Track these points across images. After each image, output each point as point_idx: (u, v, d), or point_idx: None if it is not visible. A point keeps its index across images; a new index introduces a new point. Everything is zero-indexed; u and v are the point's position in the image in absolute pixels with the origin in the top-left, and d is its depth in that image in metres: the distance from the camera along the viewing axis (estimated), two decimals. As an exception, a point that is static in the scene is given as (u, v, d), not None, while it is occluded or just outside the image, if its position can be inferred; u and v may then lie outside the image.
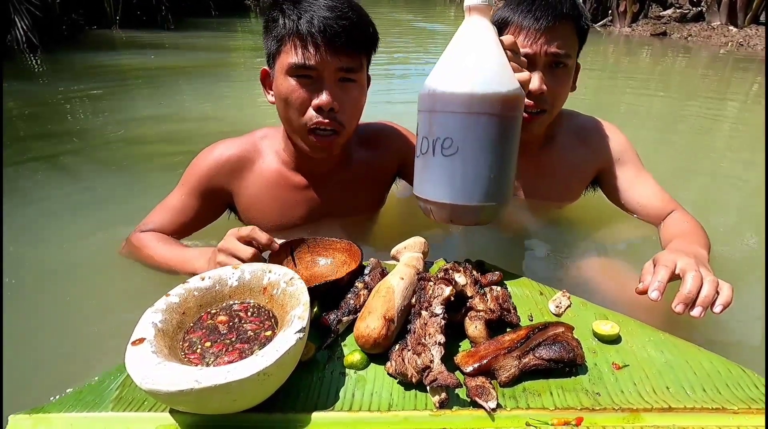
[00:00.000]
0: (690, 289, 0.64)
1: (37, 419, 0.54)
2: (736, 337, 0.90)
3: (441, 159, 0.71)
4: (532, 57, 0.94)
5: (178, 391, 0.46)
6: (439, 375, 0.53)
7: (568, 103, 1.07)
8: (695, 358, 0.61)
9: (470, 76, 0.69)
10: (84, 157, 1.97)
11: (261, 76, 0.97)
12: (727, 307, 0.64)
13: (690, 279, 0.65)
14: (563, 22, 0.93)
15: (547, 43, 0.93)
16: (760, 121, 2.85)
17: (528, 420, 0.52)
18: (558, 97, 0.99)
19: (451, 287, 0.64)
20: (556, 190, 1.14)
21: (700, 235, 0.92)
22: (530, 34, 0.93)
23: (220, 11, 8.85)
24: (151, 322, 0.57)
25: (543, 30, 0.92)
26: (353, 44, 0.85)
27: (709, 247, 0.90)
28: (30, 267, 1.09)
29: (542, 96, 0.96)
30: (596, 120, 1.14)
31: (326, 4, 0.83)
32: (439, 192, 0.74)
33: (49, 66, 3.90)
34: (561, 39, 0.94)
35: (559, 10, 0.92)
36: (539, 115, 0.99)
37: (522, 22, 0.94)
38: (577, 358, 0.59)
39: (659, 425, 0.51)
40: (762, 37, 5.52)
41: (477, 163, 0.70)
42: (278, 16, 0.86)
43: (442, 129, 0.71)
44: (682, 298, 0.64)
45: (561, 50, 0.94)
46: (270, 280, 0.65)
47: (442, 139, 0.70)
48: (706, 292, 0.64)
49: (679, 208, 1.03)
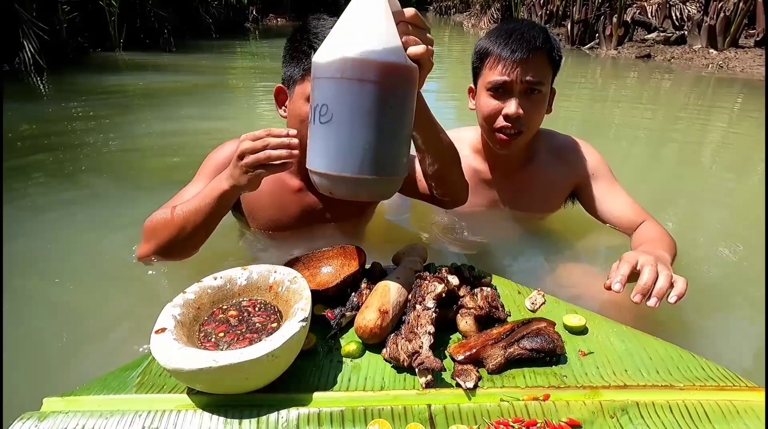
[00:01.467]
0: (646, 281, 0.73)
1: (69, 401, 0.61)
2: (694, 330, 0.98)
3: (319, 127, 0.68)
4: (509, 84, 1.06)
5: (198, 369, 0.54)
6: (426, 359, 0.61)
7: (561, 121, 1.18)
8: (652, 346, 0.69)
9: (345, 42, 0.66)
10: (92, 170, 2.06)
11: (275, 91, 1.06)
12: (681, 297, 0.72)
13: (647, 272, 0.73)
14: (537, 54, 1.04)
15: (523, 73, 1.04)
16: (743, 138, 3.00)
17: (502, 396, 0.59)
18: (533, 120, 1.10)
19: (443, 285, 0.72)
20: (536, 203, 1.24)
21: (666, 241, 1.01)
22: (507, 64, 1.04)
23: (220, 33, 9.11)
24: (171, 314, 0.65)
25: (518, 61, 1.03)
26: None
27: (674, 252, 0.99)
28: (52, 276, 1.17)
29: (519, 119, 1.07)
30: (572, 139, 1.24)
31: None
32: (317, 161, 0.69)
33: (56, 87, 4.03)
34: (535, 69, 1.05)
35: (533, 43, 1.03)
36: (516, 136, 1.09)
37: (500, 53, 1.05)
38: (557, 348, 0.67)
39: (615, 400, 0.59)
40: (740, 59, 5.78)
41: (351, 132, 0.66)
42: (309, 51, 0.94)
43: (321, 95, 0.67)
44: (638, 289, 0.73)
45: (535, 78, 1.05)
46: (275, 279, 0.73)
47: (320, 106, 0.67)
48: (661, 285, 0.72)
49: (649, 219, 1.12)
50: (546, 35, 1.06)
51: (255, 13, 12.99)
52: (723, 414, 0.57)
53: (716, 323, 1.05)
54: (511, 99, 1.06)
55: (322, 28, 0.96)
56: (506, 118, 1.06)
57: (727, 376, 0.62)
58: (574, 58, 7.15)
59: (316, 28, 0.97)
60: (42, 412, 0.59)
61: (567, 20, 8.40)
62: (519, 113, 1.05)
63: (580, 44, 7.85)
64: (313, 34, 0.96)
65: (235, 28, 10.49)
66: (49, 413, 0.59)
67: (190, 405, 0.59)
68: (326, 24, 0.97)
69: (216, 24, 9.11)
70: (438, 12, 21.33)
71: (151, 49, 6.72)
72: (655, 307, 0.72)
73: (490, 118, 1.10)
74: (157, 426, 0.57)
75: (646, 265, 0.75)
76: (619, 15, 7.27)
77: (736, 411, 0.57)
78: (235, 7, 11.04)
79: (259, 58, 7.01)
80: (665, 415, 0.57)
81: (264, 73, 5.16)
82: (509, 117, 1.06)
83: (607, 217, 1.17)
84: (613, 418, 0.57)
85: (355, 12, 0.69)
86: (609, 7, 7.76)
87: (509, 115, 1.05)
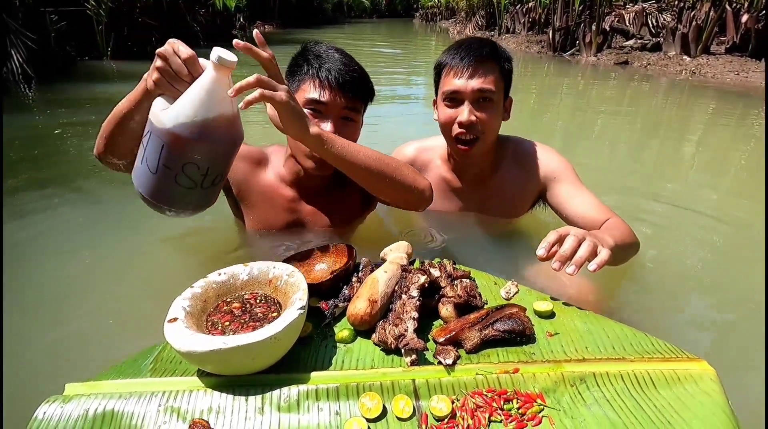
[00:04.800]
0: (565, 248, 0.76)
1: (89, 386, 0.67)
2: (648, 313, 1.09)
3: (141, 145, 0.86)
4: (461, 93, 1.15)
5: (209, 350, 0.61)
6: (410, 340, 0.69)
7: (545, 126, 1.28)
8: (610, 327, 0.78)
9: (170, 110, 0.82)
10: (86, 177, 2.10)
11: None
12: (601, 266, 0.76)
13: (568, 242, 0.77)
14: (484, 63, 1.13)
15: (473, 82, 1.13)
16: (718, 140, 3.17)
17: (477, 371, 0.68)
18: (488, 126, 1.18)
19: (426, 276, 0.80)
20: (504, 209, 1.34)
21: (619, 230, 1.05)
22: (457, 72, 1.14)
23: (208, 41, 9.13)
24: (181, 306, 0.72)
25: (467, 69, 1.13)
26: (356, 91, 1.09)
27: (626, 241, 1.02)
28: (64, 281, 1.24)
29: (472, 125, 1.16)
30: (535, 146, 1.31)
31: (341, 61, 1.09)
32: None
33: (44, 96, 4.03)
34: (484, 76, 1.14)
35: (479, 52, 1.13)
36: (473, 142, 1.18)
37: (451, 63, 1.16)
38: (527, 330, 0.75)
39: (575, 371, 0.68)
40: (712, 65, 6.04)
41: (147, 159, 0.84)
42: (303, 63, 1.10)
43: (146, 128, 0.85)
44: (557, 257, 0.76)
45: (484, 86, 1.14)
46: (274, 274, 0.80)
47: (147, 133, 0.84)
48: (581, 253, 0.75)
49: (613, 216, 1.19)
50: (493, 47, 1.17)
51: (242, 21, 13.04)
52: (666, 381, 0.66)
53: (667, 307, 1.17)
54: (464, 106, 1.15)
55: (317, 49, 1.12)
56: (460, 125, 1.16)
57: (672, 350, 0.72)
58: (556, 64, 7.37)
59: (313, 47, 1.12)
60: (65, 395, 0.65)
61: (549, 28, 8.65)
62: (471, 119, 1.14)
63: (561, 51, 8.09)
64: (311, 52, 1.11)
65: (223, 36, 10.52)
66: (72, 396, 0.65)
67: (201, 386, 0.66)
68: (320, 48, 1.12)
69: (203, 32, 9.15)
70: (424, 19, 21.62)
71: (140, 58, 6.73)
72: (573, 274, 0.75)
73: (447, 126, 1.20)
74: (171, 405, 0.64)
75: (571, 235, 0.78)
76: (598, 23, 7.52)
77: (678, 378, 0.66)
78: (222, 14, 11.08)
79: (247, 66, 7.05)
80: (617, 383, 0.66)
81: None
82: (462, 124, 1.15)
83: (573, 217, 1.22)
84: (573, 387, 0.66)
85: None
86: (589, 15, 8.02)
87: (462, 122, 1.15)
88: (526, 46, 9.16)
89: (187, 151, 0.82)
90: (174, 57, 0.80)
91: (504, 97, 1.21)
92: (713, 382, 0.65)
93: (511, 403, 0.63)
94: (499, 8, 11.06)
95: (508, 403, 0.63)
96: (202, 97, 0.79)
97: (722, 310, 1.28)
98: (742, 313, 1.26)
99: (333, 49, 1.12)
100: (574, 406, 0.63)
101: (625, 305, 1.17)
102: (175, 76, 0.81)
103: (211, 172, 0.86)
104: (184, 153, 0.82)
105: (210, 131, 0.81)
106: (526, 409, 0.62)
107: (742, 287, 1.37)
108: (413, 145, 1.42)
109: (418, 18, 22.73)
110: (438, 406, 0.62)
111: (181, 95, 0.81)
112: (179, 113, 0.79)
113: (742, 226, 1.76)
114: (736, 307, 1.29)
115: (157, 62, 0.80)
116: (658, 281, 1.34)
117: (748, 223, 1.76)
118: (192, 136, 0.80)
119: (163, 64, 0.80)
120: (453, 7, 16.77)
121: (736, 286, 1.38)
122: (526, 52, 8.82)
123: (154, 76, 0.82)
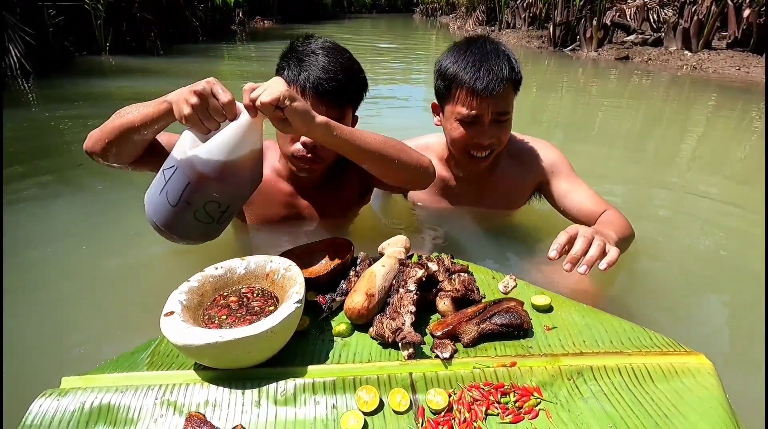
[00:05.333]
0: (577, 250, 0.77)
1: (85, 379, 0.67)
2: (646, 308, 1.09)
3: (161, 175, 0.87)
4: (480, 117, 1.13)
5: (206, 343, 0.61)
6: (408, 334, 0.69)
7: (545, 122, 1.27)
8: (608, 321, 0.78)
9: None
10: (85, 172, 2.10)
11: None
12: (612, 265, 0.76)
13: (578, 243, 0.78)
14: (505, 86, 1.11)
15: (493, 106, 1.12)
16: (719, 135, 3.16)
17: (474, 364, 0.68)
18: (502, 142, 1.18)
19: (424, 270, 0.80)
20: (502, 202, 1.34)
21: (618, 224, 1.07)
22: (477, 100, 1.10)
23: (207, 37, 9.10)
24: (178, 300, 0.71)
25: (489, 96, 1.09)
26: (338, 100, 1.05)
27: (626, 235, 1.05)
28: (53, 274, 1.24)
29: (490, 145, 1.16)
30: (530, 140, 1.31)
31: (322, 67, 1.02)
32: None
33: (43, 91, 4.03)
34: (503, 100, 1.12)
35: (501, 76, 1.09)
36: (489, 156, 1.19)
37: (470, 87, 1.10)
38: (524, 324, 0.75)
39: (572, 365, 0.67)
40: (713, 61, 6.00)
41: (168, 192, 0.84)
42: (285, 66, 1.06)
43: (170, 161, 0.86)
44: (568, 258, 0.77)
45: (504, 110, 1.13)
46: (271, 268, 0.80)
47: (169, 166, 0.85)
48: (592, 253, 0.76)
49: (610, 208, 1.19)
50: (510, 63, 1.12)
51: (241, 16, 12.97)
52: (663, 374, 0.66)
53: (665, 302, 1.17)
54: (482, 130, 1.14)
55: (302, 50, 1.06)
56: (477, 147, 1.15)
57: (669, 344, 0.71)
58: (557, 59, 7.33)
59: (299, 46, 1.08)
60: (62, 389, 0.65)
61: (549, 23, 8.60)
62: (491, 142, 1.15)
63: (562, 46, 8.04)
64: (294, 54, 1.06)
65: (222, 32, 10.48)
66: (69, 390, 0.65)
67: (197, 379, 0.66)
68: (306, 48, 1.06)
69: (203, 27, 9.10)
70: (424, 14, 21.52)
71: (138, 53, 6.71)
72: (585, 274, 0.76)
73: (460, 143, 1.18)
74: (168, 398, 0.64)
75: (580, 235, 0.79)
76: (598, 18, 7.48)
77: (675, 371, 0.66)
78: (221, 10, 11.03)
79: (246, 62, 7.04)
80: (615, 377, 0.66)
81: (251, 77, 5.21)
82: (482, 146, 1.14)
83: (569, 210, 1.23)
84: (570, 380, 0.65)
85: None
86: (589, 10, 7.97)
87: (482, 144, 1.14)
88: (526, 42, 9.12)
89: (212, 191, 0.84)
90: (212, 98, 0.80)
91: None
92: (711, 376, 0.65)
93: (508, 396, 0.63)
94: (500, 3, 10.99)
95: (505, 397, 0.63)
96: (236, 142, 0.81)
97: (720, 304, 1.28)
98: (740, 306, 1.26)
99: (320, 48, 1.06)
100: (571, 399, 0.63)
101: (622, 299, 1.16)
102: (208, 116, 0.81)
103: (231, 209, 0.88)
104: (209, 193, 0.84)
105: (238, 174, 0.84)
106: (523, 403, 0.62)
107: (739, 281, 1.37)
108: (410, 144, 1.41)
109: (418, 13, 22.61)
110: (435, 399, 0.62)
111: (213, 136, 0.82)
112: (211, 155, 0.81)
113: (740, 219, 1.76)
114: (734, 300, 1.29)
115: (193, 99, 0.79)
116: (656, 275, 1.34)
117: (746, 218, 1.76)
118: (221, 177, 0.82)
119: (199, 102, 0.80)
120: (453, 2, 16.69)
121: (733, 280, 1.38)
122: (526, 48, 8.78)
123: (185, 110, 0.80)
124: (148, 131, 0.92)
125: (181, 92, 0.82)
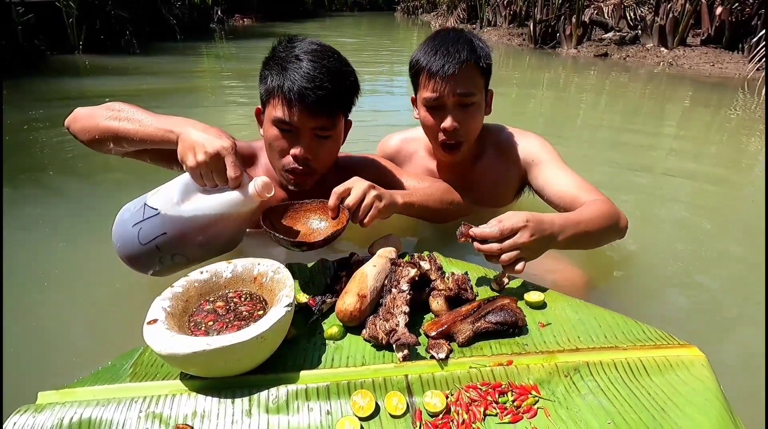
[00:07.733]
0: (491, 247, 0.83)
1: (63, 393, 0.64)
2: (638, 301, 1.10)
3: (141, 207, 0.86)
4: (442, 100, 1.11)
5: (192, 352, 0.58)
6: (402, 335, 0.67)
7: (528, 118, 1.25)
8: (601, 315, 0.78)
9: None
10: (59, 173, 2.02)
11: (255, 113, 1.09)
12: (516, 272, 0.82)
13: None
14: (464, 67, 1.08)
15: (453, 87, 1.09)
16: (696, 128, 3.23)
17: (471, 364, 0.66)
18: (470, 129, 1.15)
19: (416, 269, 0.78)
20: (488, 198, 1.31)
21: (587, 213, 0.99)
22: (437, 81, 1.09)
23: (185, 35, 8.89)
24: (161, 307, 0.68)
25: (447, 76, 1.07)
26: (326, 110, 0.97)
27: (601, 226, 0.98)
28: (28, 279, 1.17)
29: (456, 131, 1.12)
30: (513, 132, 1.28)
31: (306, 75, 0.94)
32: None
33: (13, 92, 3.85)
34: (464, 82, 1.09)
35: (458, 57, 1.07)
36: (458, 146, 1.15)
37: (429, 69, 1.09)
38: (519, 321, 0.74)
39: (569, 361, 0.67)
40: (688, 57, 6.16)
41: (141, 230, 0.83)
42: (268, 73, 0.99)
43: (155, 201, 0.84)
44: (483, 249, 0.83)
45: (466, 91, 1.10)
46: (259, 271, 0.77)
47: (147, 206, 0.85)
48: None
49: (598, 196, 1.09)
50: (471, 46, 1.11)
51: (220, 14, 12.72)
52: (659, 367, 0.66)
53: (657, 293, 1.18)
54: (446, 114, 1.11)
55: (286, 55, 0.98)
56: (444, 132, 1.13)
57: (663, 337, 0.72)
58: (537, 57, 7.41)
59: (282, 50, 1.00)
60: (38, 404, 0.62)
61: (530, 20, 8.69)
62: (455, 126, 1.11)
63: (542, 44, 8.14)
64: (277, 60, 0.99)
65: (201, 30, 10.25)
66: (45, 405, 0.61)
67: (184, 389, 0.63)
68: (290, 52, 0.98)
69: (180, 25, 8.88)
70: (405, 12, 21.51)
71: (114, 52, 6.50)
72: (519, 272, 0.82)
73: (431, 131, 1.16)
74: (153, 411, 0.61)
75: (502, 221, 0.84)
76: (578, 15, 7.59)
77: (670, 364, 0.66)
78: (199, 7, 10.79)
79: (225, 60, 6.90)
80: (611, 372, 0.66)
81: (231, 76, 5.10)
82: (446, 131, 1.12)
83: (553, 199, 1.17)
84: (567, 377, 0.65)
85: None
86: (569, 8, 8.08)
87: (446, 128, 1.11)
88: (507, 39, 9.19)
89: (186, 249, 0.84)
90: (221, 173, 0.82)
91: (485, 93, 1.18)
92: (704, 368, 0.65)
93: (506, 395, 0.62)
94: (481, 1, 11.06)
95: (503, 396, 0.62)
96: (227, 211, 0.82)
97: (712, 295, 1.30)
98: (733, 297, 1.28)
99: (304, 52, 0.97)
100: (569, 396, 0.62)
101: (614, 292, 1.17)
102: (211, 179, 0.83)
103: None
104: (182, 249, 0.84)
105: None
106: (521, 402, 0.61)
107: (731, 272, 1.39)
108: (397, 136, 1.39)
109: (400, 11, 22.59)
110: (432, 401, 0.61)
111: (207, 195, 0.82)
112: (197, 218, 0.81)
113: (728, 210, 1.80)
114: (726, 291, 1.31)
115: (201, 157, 0.81)
116: (647, 267, 1.35)
117: (735, 208, 1.80)
118: (200, 242, 0.83)
119: (208, 163, 0.81)
120: (434, 1, 16.71)
121: (724, 271, 1.40)
122: (507, 45, 8.85)
123: (190, 161, 0.82)
124: (143, 146, 0.92)
125: (194, 141, 0.83)
